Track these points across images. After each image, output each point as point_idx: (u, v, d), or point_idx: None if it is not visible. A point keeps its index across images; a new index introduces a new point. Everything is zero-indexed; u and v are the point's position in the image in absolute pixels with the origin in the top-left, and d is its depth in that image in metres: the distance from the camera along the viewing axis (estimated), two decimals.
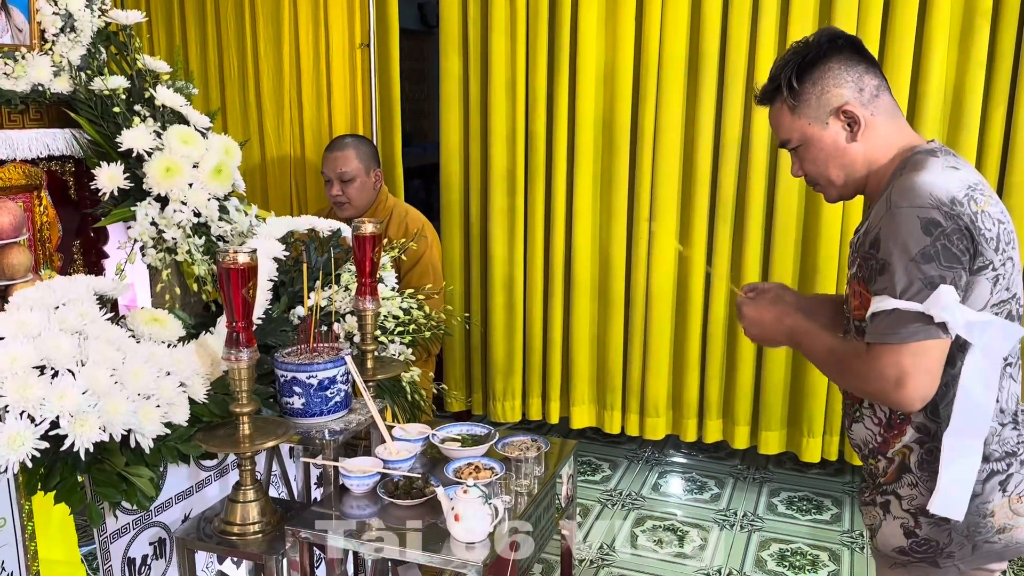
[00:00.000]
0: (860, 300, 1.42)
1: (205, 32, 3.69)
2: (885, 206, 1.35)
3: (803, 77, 1.45)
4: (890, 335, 1.31)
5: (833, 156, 1.47)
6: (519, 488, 1.82)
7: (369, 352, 1.99)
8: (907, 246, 1.30)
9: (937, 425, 1.40)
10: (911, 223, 1.30)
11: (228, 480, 1.93)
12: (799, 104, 1.47)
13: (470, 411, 3.93)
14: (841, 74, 1.44)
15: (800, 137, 1.49)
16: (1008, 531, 1.42)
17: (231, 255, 1.50)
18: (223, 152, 2.20)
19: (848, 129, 1.45)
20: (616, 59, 3.30)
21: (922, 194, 1.31)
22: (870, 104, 1.45)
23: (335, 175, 2.97)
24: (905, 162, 1.42)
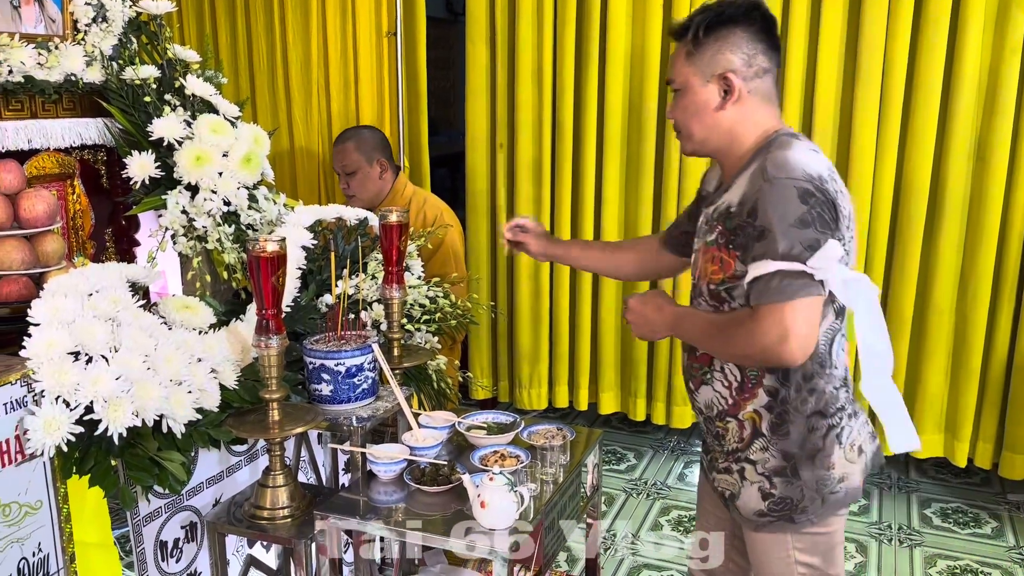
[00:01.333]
0: (720, 265, 1.52)
1: (235, 21, 3.71)
2: (761, 178, 1.44)
3: (710, 31, 1.52)
4: (776, 294, 1.40)
5: (700, 113, 1.54)
6: (544, 476, 1.82)
7: (396, 340, 2.00)
8: (786, 213, 1.40)
9: (787, 390, 1.52)
10: (789, 192, 1.40)
11: (258, 465, 1.96)
12: (695, 53, 1.53)
13: (496, 399, 3.94)
14: (740, 43, 1.51)
15: (683, 83, 1.56)
16: (846, 480, 1.56)
17: (261, 243, 1.52)
18: (252, 141, 2.22)
19: (722, 96, 1.52)
20: (645, 45, 3.27)
21: (796, 168, 1.42)
22: (751, 81, 1.52)
23: (339, 168, 3.02)
24: (771, 141, 1.51)
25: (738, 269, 1.49)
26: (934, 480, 3.44)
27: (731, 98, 1.52)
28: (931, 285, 3.09)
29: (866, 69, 3.00)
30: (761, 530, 1.60)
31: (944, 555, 2.89)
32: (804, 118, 3.14)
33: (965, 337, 3.10)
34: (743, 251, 1.47)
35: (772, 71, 1.54)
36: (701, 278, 1.59)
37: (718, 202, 1.55)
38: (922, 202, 3.03)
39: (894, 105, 3.00)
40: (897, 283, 3.12)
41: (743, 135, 1.54)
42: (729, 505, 1.65)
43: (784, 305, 1.39)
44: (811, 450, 1.53)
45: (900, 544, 2.96)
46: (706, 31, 1.51)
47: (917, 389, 3.18)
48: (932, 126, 2.97)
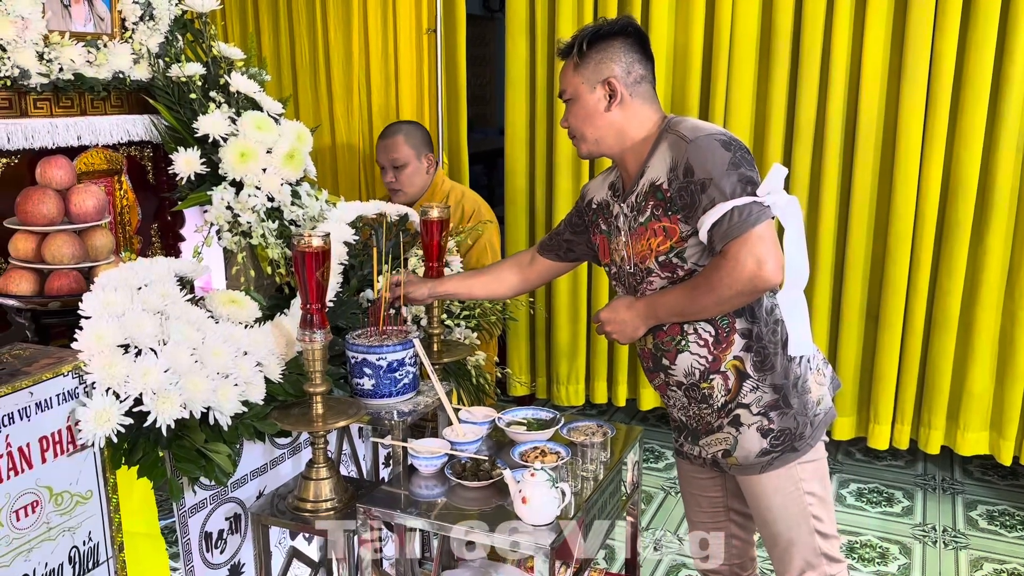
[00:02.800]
0: (665, 233, 1.65)
1: (277, 19, 3.75)
2: (682, 143, 1.61)
3: (592, 45, 1.70)
4: (738, 228, 1.53)
5: (591, 117, 1.72)
6: (585, 473, 1.82)
7: (436, 335, 2.01)
8: (717, 160, 1.56)
9: (758, 326, 1.66)
10: (713, 144, 1.58)
11: (301, 458, 1.98)
12: (581, 64, 1.71)
13: (533, 395, 3.94)
14: (618, 54, 1.70)
15: (573, 92, 1.73)
16: (822, 401, 1.73)
17: (306, 239, 1.53)
18: (295, 138, 2.24)
19: (608, 99, 1.70)
20: (688, 39, 3.24)
21: (707, 127, 1.63)
22: (632, 86, 1.70)
23: (387, 162, 3.00)
24: (667, 124, 1.70)
25: (683, 230, 1.63)
26: (980, 482, 3.37)
27: (615, 100, 1.70)
28: (978, 283, 3.02)
29: (912, 66, 2.94)
30: (767, 469, 1.69)
31: (990, 558, 2.83)
32: (848, 116, 3.09)
33: (1012, 336, 3.03)
34: (687, 210, 1.60)
35: (648, 78, 1.73)
36: (644, 259, 1.71)
37: (636, 189, 1.71)
38: (970, 200, 2.96)
39: (941, 102, 2.93)
40: (944, 281, 3.06)
41: (632, 132, 1.71)
42: (724, 464, 1.74)
43: (749, 234, 1.53)
44: (795, 378, 1.67)
45: (945, 546, 2.90)
46: (589, 44, 1.70)
47: (964, 387, 3.12)
48: (981, 124, 2.90)
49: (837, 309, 3.26)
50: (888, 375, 3.19)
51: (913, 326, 3.12)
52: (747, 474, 1.73)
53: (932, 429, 3.20)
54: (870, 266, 3.18)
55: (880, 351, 3.19)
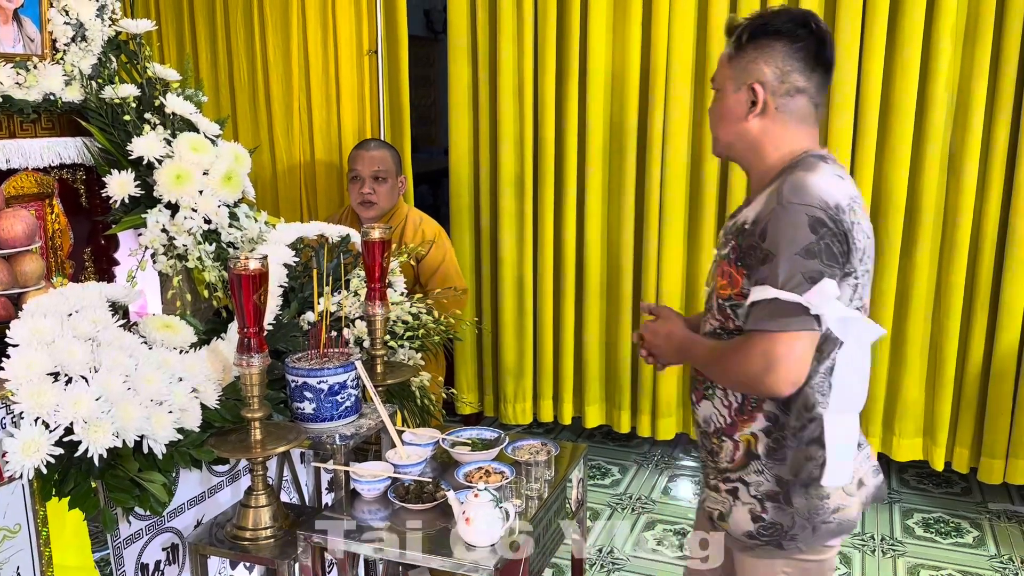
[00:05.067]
0: (729, 280, 1.50)
1: (215, 40, 3.71)
2: (776, 200, 1.41)
3: (752, 38, 1.49)
4: (768, 322, 1.38)
5: (727, 118, 1.54)
6: (529, 492, 1.82)
7: (379, 357, 2.00)
8: (794, 240, 1.37)
9: (786, 417, 1.49)
10: (800, 219, 1.37)
11: (240, 485, 1.94)
12: (735, 57, 1.52)
13: (481, 414, 3.93)
14: (777, 57, 1.48)
15: (720, 84, 1.56)
16: (841, 511, 1.53)
17: (242, 261, 1.51)
18: (233, 159, 2.21)
19: (749, 105, 1.50)
20: (625, 63, 3.31)
21: (813, 194, 1.39)
22: (781, 97, 1.49)
23: (370, 173, 2.99)
24: (797, 161, 1.48)
25: (744, 287, 1.46)
26: (916, 490, 3.47)
27: (755, 110, 1.50)
28: (908, 295, 3.13)
29: (840, 90, 3.05)
30: (748, 552, 1.59)
31: (926, 565, 2.91)
32: None
33: (940, 345, 3.14)
34: (750, 271, 1.45)
35: (808, 92, 1.50)
36: (713, 291, 1.58)
37: (738, 216, 1.54)
38: (899, 218, 3.08)
39: (869, 125, 3.05)
40: (876, 295, 3.16)
41: (768, 150, 1.51)
42: (717, 524, 1.64)
43: (774, 335, 1.37)
44: (806, 478, 1.50)
45: (883, 555, 2.98)
46: (749, 37, 1.49)
47: (897, 395, 3.22)
48: (907, 145, 3.03)
49: None
50: None
51: None
52: (732, 545, 1.63)
53: (869, 437, 3.29)
54: None
55: None
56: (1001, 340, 3.04)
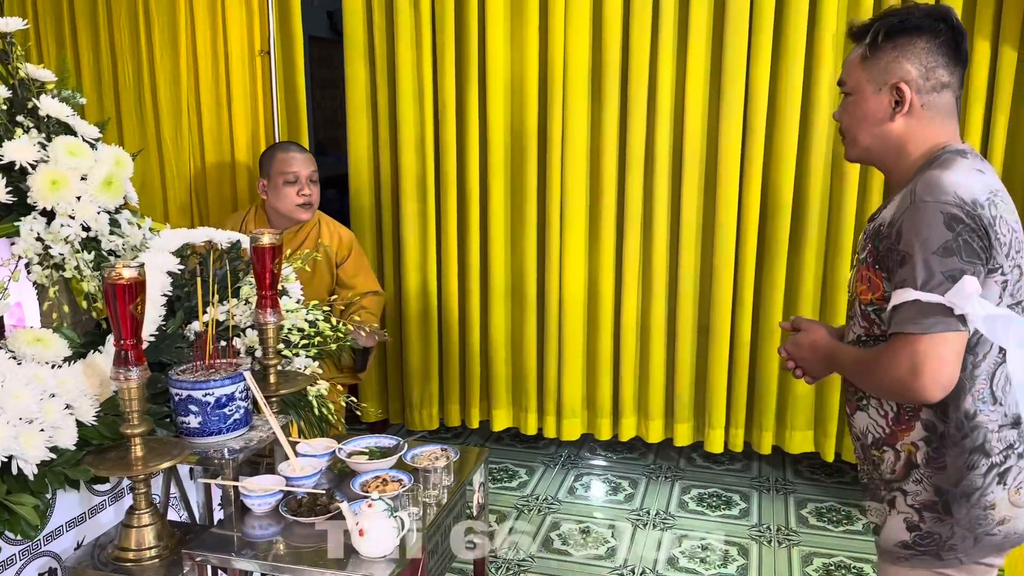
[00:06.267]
0: (868, 284, 1.47)
1: (97, 39, 3.55)
2: (909, 199, 1.38)
3: (889, 37, 1.45)
4: (910, 325, 1.33)
5: (869, 121, 1.49)
6: (427, 499, 1.81)
7: (272, 367, 1.95)
8: (929, 240, 1.33)
9: (945, 426, 1.42)
10: (934, 217, 1.33)
11: (123, 505, 1.85)
12: (871, 58, 1.47)
13: (386, 421, 3.89)
14: (920, 54, 1.44)
15: (854, 87, 1.51)
16: (1007, 522, 1.45)
17: (117, 270, 1.45)
18: (113, 163, 2.11)
19: (894, 105, 1.46)
20: (523, 68, 3.33)
21: (947, 191, 1.34)
22: (927, 94, 1.45)
23: (307, 175, 2.97)
24: (934, 158, 1.44)
25: (886, 290, 1.43)
26: (809, 481, 3.60)
27: (901, 109, 1.46)
28: (796, 292, 3.26)
29: (729, 97, 3.15)
30: (900, 563, 1.51)
31: (819, 553, 3.03)
32: (674, 143, 3.27)
33: None
34: (889, 274, 1.41)
35: (952, 87, 1.47)
36: (854, 296, 1.54)
37: (876, 218, 1.49)
38: (786, 218, 3.20)
39: (757, 129, 3.16)
40: (767, 293, 3.27)
41: (910, 149, 1.48)
42: (874, 538, 1.59)
43: (918, 337, 1.33)
44: (967, 488, 1.43)
45: (779, 545, 3.08)
46: (886, 36, 1.45)
47: (789, 390, 3.35)
48: (792, 148, 3.15)
49: (673, 324, 3.41)
50: (720, 383, 3.37)
51: (740, 336, 3.32)
52: (882, 559, 1.56)
53: (763, 431, 3.40)
54: (699, 282, 3.36)
55: (711, 361, 3.37)
56: None
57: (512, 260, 3.54)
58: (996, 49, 2.91)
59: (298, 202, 2.96)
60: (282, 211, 2.98)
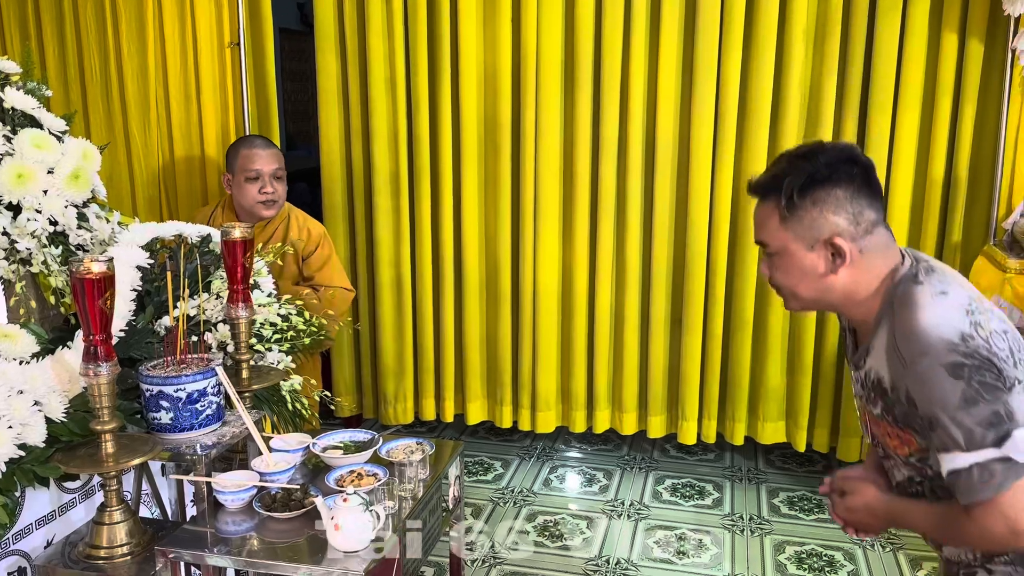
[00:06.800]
0: (900, 441, 1.40)
1: (63, 30, 3.48)
2: (898, 360, 1.31)
3: (805, 193, 1.35)
4: (983, 491, 1.25)
5: (807, 277, 1.40)
6: (403, 493, 1.81)
7: (244, 362, 1.93)
8: (946, 399, 1.25)
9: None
10: (938, 375, 1.25)
11: (94, 502, 1.83)
12: (791, 217, 1.37)
13: (360, 416, 3.87)
14: (843, 203, 1.35)
15: (780, 247, 1.40)
16: None
17: (85, 264, 1.43)
18: (80, 156, 2.08)
19: (831, 260, 1.37)
20: (496, 59, 3.32)
21: (932, 341, 1.26)
22: (862, 239, 1.36)
23: (270, 171, 2.90)
24: (891, 295, 1.36)
25: (920, 443, 1.36)
26: (781, 470, 3.65)
27: (843, 263, 1.36)
28: (767, 286, 3.27)
29: (701, 90, 3.17)
30: None
31: (791, 541, 3.07)
32: (647, 136, 3.28)
33: (799, 333, 3.31)
34: (920, 433, 1.33)
35: (882, 219, 1.38)
36: (887, 446, 1.45)
37: (864, 366, 1.42)
38: None
39: (728, 122, 3.18)
40: (738, 285, 3.30)
41: (860, 292, 1.39)
42: None
43: (996, 500, 1.24)
44: None
45: (752, 533, 3.12)
46: (800, 193, 1.35)
47: (761, 381, 3.38)
48: (764, 140, 3.17)
49: (646, 317, 3.43)
50: (693, 375, 3.40)
51: (713, 329, 3.34)
52: None
53: (736, 422, 3.44)
54: (672, 275, 3.38)
55: (685, 353, 3.39)
56: None
57: (486, 254, 3.54)
58: (963, 42, 2.96)
59: (260, 199, 2.92)
60: (245, 207, 2.94)
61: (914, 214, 3.14)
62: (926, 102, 3.05)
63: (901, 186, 3.09)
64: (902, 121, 3.05)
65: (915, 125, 3.05)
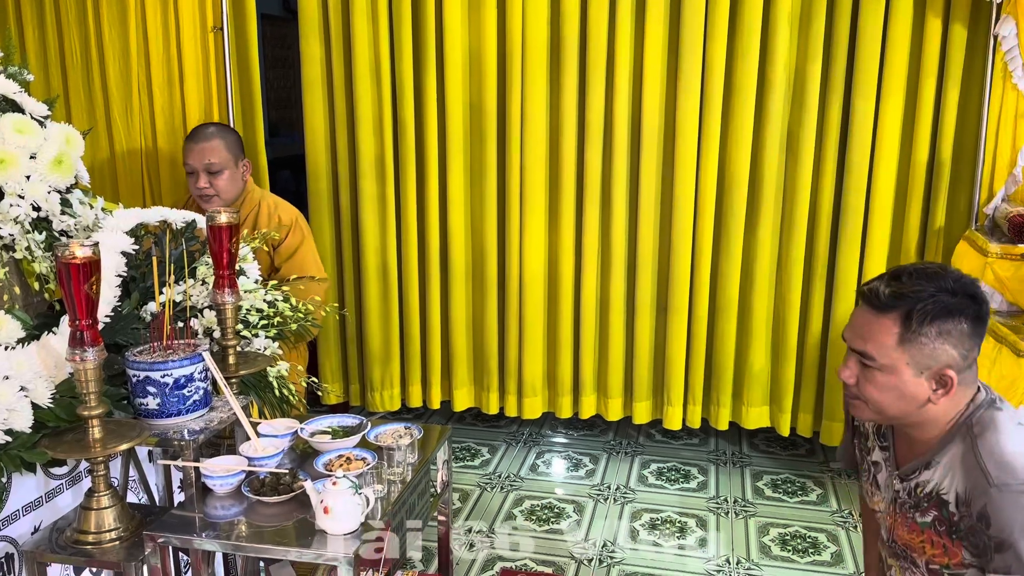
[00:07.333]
0: (944, 550, 1.42)
1: (43, 14, 3.43)
2: (983, 479, 1.34)
3: (936, 321, 1.36)
4: None
5: (904, 400, 1.42)
6: (392, 476, 1.81)
7: (231, 347, 1.93)
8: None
9: None
10: (1022, 502, 1.30)
11: (81, 488, 1.83)
12: (911, 340, 1.38)
13: (347, 403, 3.87)
14: (963, 339, 1.38)
15: (888, 365, 1.40)
16: None
17: (70, 249, 1.42)
18: (63, 141, 2.06)
19: (934, 390, 1.40)
20: (481, 44, 3.31)
21: (1021, 464, 1.32)
22: (964, 372, 1.40)
23: (201, 166, 2.82)
24: (971, 417, 1.41)
25: (965, 559, 1.39)
26: (765, 453, 3.68)
27: (947, 394, 1.39)
28: (752, 271, 3.30)
29: (687, 74, 3.17)
30: None
31: (775, 523, 3.10)
32: (632, 121, 3.28)
33: (783, 317, 3.34)
34: (976, 550, 1.36)
35: (976, 354, 1.41)
36: (913, 551, 1.49)
37: (917, 478, 1.46)
38: (742, 195, 3.24)
39: (714, 106, 3.18)
40: (723, 270, 3.32)
41: (942, 418, 1.43)
42: None
43: None
44: None
45: (736, 516, 3.15)
46: (930, 321, 1.36)
47: (745, 366, 3.40)
48: (749, 125, 3.18)
49: (632, 302, 3.45)
50: (678, 360, 3.42)
51: (698, 314, 3.36)
52: None
53: (720, 407, 3.46)
54: (657, 260, 3.39)
55: (670, 339, 3.41)
56: (838, 310, 3.26)
57: (472, 240, 3.54)
58: (947, 27, 2.97)
59: (196, 194, 2.89)
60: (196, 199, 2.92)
61: (898, 199, 3.16)
62: (910, 87, 3.07)
63: (885, 171, 3.11)
64: (886, 105, 3.07)
65: (899, 109, 3.07)
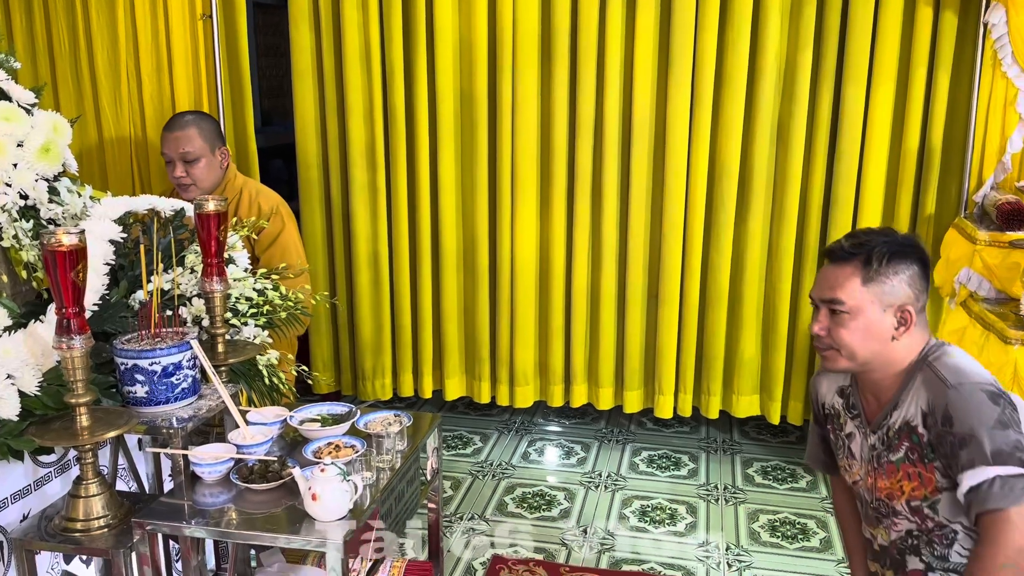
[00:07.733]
0: (920, 480, 1.56)
1: (30, 1, 3.41)
2: (942, 385, 1.51)
3: (891, 261, 1.57)
4: (1000, 499, 1.41)
5: (872, 338, 1.59)
6: (381, 464, 1.82)
7: (219, 336, 1.92)
8: (983, 416, 1.45)
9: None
10: (978, 396, 1.47)
11: (70, 476, 1.83)
12: (873, 278, 1.57)
13: (339, 393, 3.87)
14: (915, 279, 1.58)
15: (856, 306, 1.58)
16: None
17: (56, 237, 1.41)
18: (51, 129, 2.05)
19: (896, 328, 1.58)
20: (472, 32, 3.29)
21: (974, 372, 1.51)
22: (918, 314, 1.59)
23: (177, 156, 2.80)
24: (925, 354, 1.60)
25: (939, 481, 1.53)
26: (755, 441, 3.70)
27: (906, 330, 1.58)
28: (743, 261, 3.31)
29: (678, 65, 3.16)
30: None
31: (765, 509, 3.12)
32: (623, 111, 3.28)
33: (774, 306, 3.35)
34: (945, 460, 1.50)
35: (925, 301, 1.62)
36: (891, 497, 1.63)
37: (887, 422, 1.62)
38: (732, 186, 3.24)
39: (705, 97, 3.18)
40: (714, 259, 3.32)
41: (902, 360, 1.60)
42: None
43: (1008, 511, 1.40)
44: None
45: (726, 502, 3.17)
46: (887, 261, 1.57)
47: (735, 354, 3.41)
48: (739, 116, 3.18)
49: (623, 291, 3.45)
50: (669, 349, 3.43)
51: (689, 303, 3.37)
52: None
53: (711, 396, 3.47)
54: (648, 249, 3.39)
55: (661, 328, 3.42)
56: None
57: (463, 228, 3.54)
58: (937, 15, 2.98)
59: (174, 184, 2.87)
60: None
61: (888, 187, 3.17)
62: (900, 75, 3.07)
63: (875, 158, 3.12)
64: (876, 94, 3.07)
65: (890, 98, 3.08)
